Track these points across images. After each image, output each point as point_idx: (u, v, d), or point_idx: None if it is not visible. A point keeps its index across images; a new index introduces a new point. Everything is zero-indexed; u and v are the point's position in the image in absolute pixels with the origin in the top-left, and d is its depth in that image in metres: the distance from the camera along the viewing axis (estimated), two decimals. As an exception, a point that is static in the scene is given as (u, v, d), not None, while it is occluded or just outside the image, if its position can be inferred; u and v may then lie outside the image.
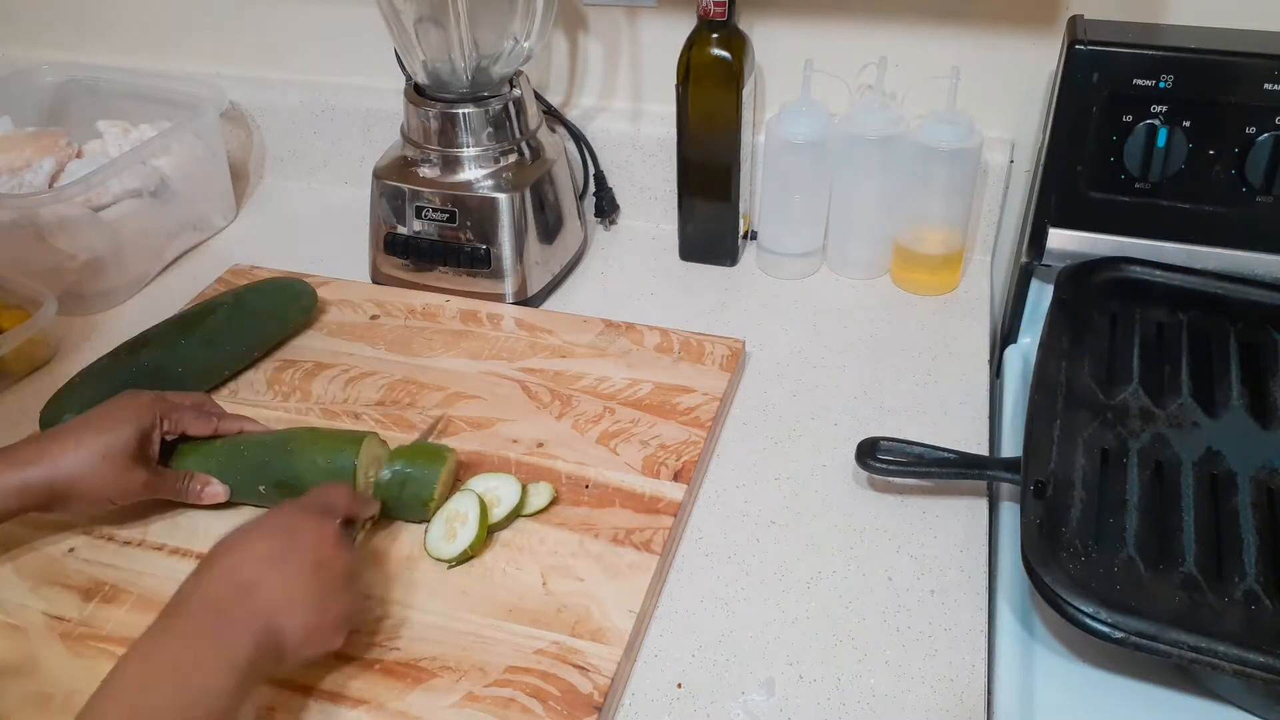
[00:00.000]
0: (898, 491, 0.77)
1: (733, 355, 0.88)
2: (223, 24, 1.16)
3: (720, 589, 0.70)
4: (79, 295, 0.98)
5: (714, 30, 0.91)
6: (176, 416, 0.73)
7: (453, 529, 0.71)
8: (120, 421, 0.70)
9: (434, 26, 0.92)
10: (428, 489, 0.72)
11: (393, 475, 0.72)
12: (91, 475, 0.68)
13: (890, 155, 0.93)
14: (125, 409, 0.71)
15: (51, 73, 1.15)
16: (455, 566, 0.70)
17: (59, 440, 0.68)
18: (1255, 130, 0.79)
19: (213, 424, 0.75)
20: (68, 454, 0.67)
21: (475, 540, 0.70)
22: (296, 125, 1.17)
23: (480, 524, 0.70)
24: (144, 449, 0.70)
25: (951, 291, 0.99)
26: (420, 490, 0.72)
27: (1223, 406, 0.74)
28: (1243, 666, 0.56)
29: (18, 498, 0.66)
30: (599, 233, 1.10)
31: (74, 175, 1.01)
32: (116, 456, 0.68)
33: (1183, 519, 0.65)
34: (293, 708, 0.62)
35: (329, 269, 1.02)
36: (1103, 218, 0.86)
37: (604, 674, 0.63)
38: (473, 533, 0.70)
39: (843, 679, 0.64)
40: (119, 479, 0.69)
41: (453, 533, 0.71)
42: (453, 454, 0.75)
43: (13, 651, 0.66)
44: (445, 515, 0.72)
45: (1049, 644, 0.65)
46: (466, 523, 0.71)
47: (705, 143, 0.96)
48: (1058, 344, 0.79)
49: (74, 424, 0.70)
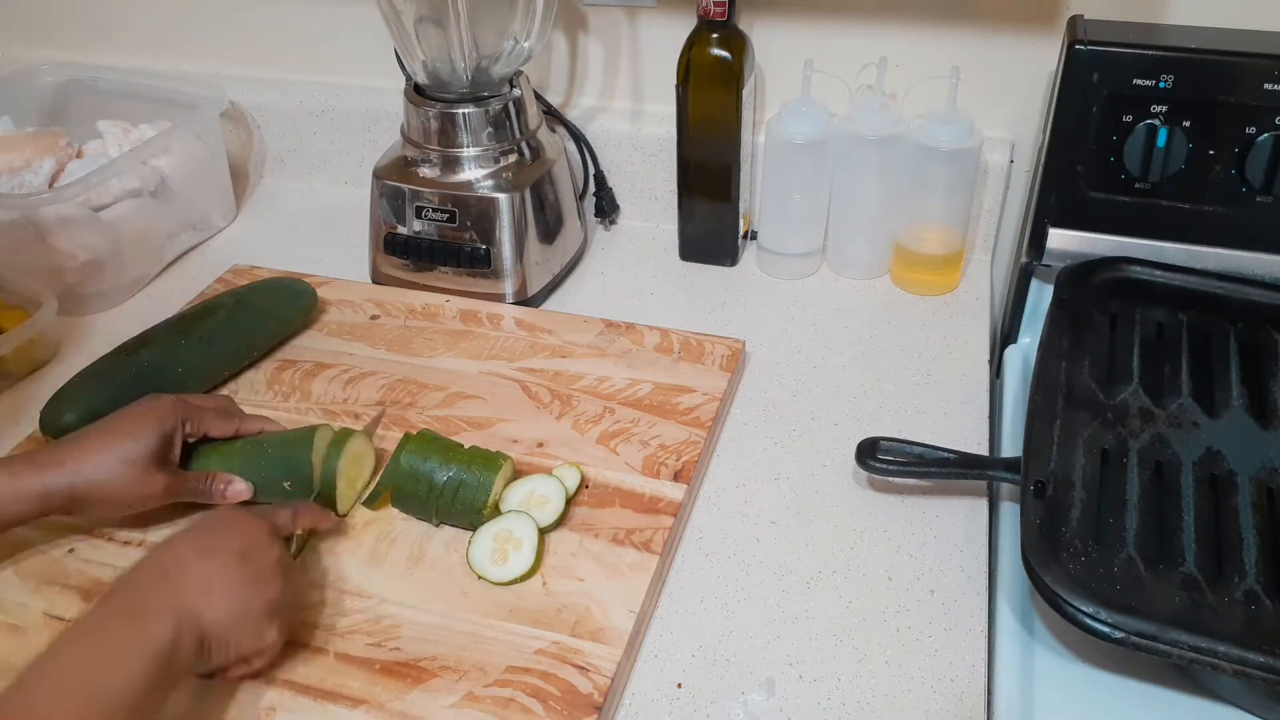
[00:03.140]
0: (898, 491, 0.77)
1: (733, 355, 0.88)
2: (223, 24, 1.16)
3: (720, 589, 0.70)
4: (79, 295, 0.98)
5: (714, 30, 0.91)
6: (198, 419, 0.73)
7: (503, 550, 0.69)
8: (142, 426, 0.69)
9: (434, 26, 0.92)
10: (482, 496, 0.71)
11: (447, 480, 0.72)
12: (113, 480, 0.68)
13: (890, 155, 0.93)
14: (147, 413, 0.71)
15: (51, 73, 1.15)
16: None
17: (81, 445, 0.68)
18: (1255, 130, 0.79)
19: (235, 425, 0.75)
20: (89, 458, 0.67)
21: (530, 570, 0.68)
22: (296, 125, 1.17)
23: (537, 554, 0.69)
24: (165, 453, 0.70)
25: (951, 291, 0.99)
26: (474, 498, 0.71)
27: (1223, 406, 0.74)
28: (1243, 666, 0.56)
29: (39, 501, 0.66)
30: (599, 233, 1.10)
31: (74, 175, 1.01)
32: (137, 461, 0.68)
33: (1183, 519, 0.65)
34: (293, 708, 0.62)
35: (329, 269, 1.02)
36: (1103, 218, 0.86)
37: (604, 674, 0.63)
38: (527, 563, 0.68)
39: (843, 679, 0.64)
40: (140, 484, 0.69)
41: (503, 554, 0.69)
42: (508, 461, 0.74)
43: (13, 651, 0.66)
44: (495, 531, 0.70)
45: (1049, 644, 0.65)
46: (521, 550, 0.69)
47: (705, 143, 0.96)
48: (1058, 344, 0.79)
49: (95, 428, 0.70)
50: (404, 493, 0.73)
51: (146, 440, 0.69)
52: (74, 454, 0.67)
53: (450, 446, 0.74)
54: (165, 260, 1.06)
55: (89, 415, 0.78)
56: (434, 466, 0.72)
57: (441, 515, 0.73)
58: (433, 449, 0.73)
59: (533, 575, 0.69)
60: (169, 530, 0.73)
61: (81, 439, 0.69)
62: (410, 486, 0.72)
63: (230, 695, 0.63)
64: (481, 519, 0.71)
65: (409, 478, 0.72)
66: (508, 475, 0.74)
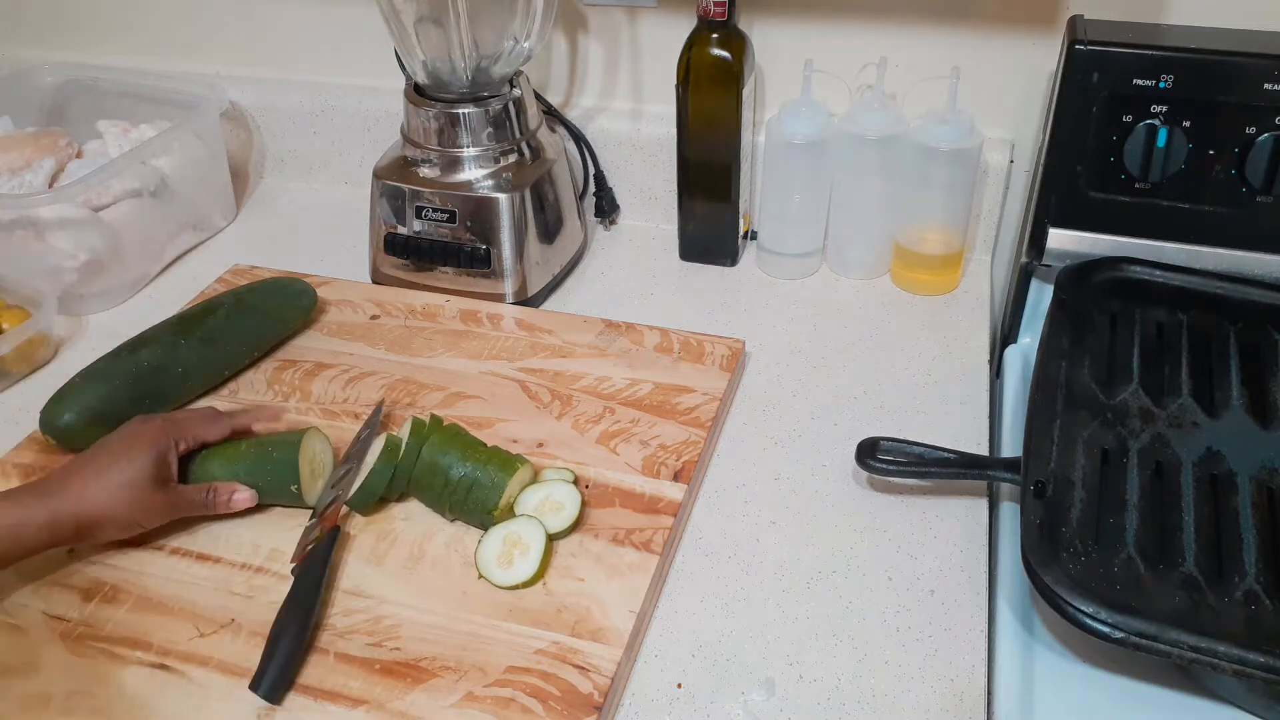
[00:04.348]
0: (898, 491, 0.77)
1: (733, 355, 0.88)
2: (223, 24, 1.16)
3: (720, 589, 0.70)
4: (79, 295, 0.98)
5: (714, 30, 0.91)
6: (189, 431, 0.74)
7: (510, 554, 0.69)
8: (136, 449, 0.70)
9: (434, 26, 0.92)
10: (494, 497, 0.71)
11: (462, 476, 0.72)
12: (116, 505, 0.69)
13: (890, 155, 0.93)
14: (138, 435, 0.71)
15: (51, 73, 1.15)
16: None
17: (79, 475, 0.69)
18: (1255, 130, 0.79)
19: (226, 426, 0.75)
20: (89, 487, 0.68)
21: (533, 577, 0.68)
22: (296, 125, 1.17)
23: (542, 561, 0.69)
24: (162, 472, 0.71)
25: (951, 291, 0.99)
26: (486, 497, 0.71)
27: (1223, 407, 0.74)
28: (1243, 666, 0.56)
29: (49, 531, 0.66)
30: (599, 233, 1.10)
31: (74, 175, 1.01)
32: (136, 484, 0.69)
33: (1183, 519, 0.65)
34: (293, 708, 0.62)
35: (329, 269, 1.02)
36: (1103, 218, 0.85)
37: (604, 674, 0.63)
38: (532, 569, 0.68)
39: (843, 679, 0.64)
40: (143, 505, 0.70)
41: (509, 558, 0.69)
42: (526, 465, 0.74)
43: (13, 651, 0.66)
44: (504, 534, 0.70)
45: (1049, 644, 0.65)
46: (528, 555, 0.69)
47: (705, 143, 0.96)
48: (1058, 344, 0.79)
49: (88, 457, 0.70)
50: (420, 484, 0.73)
51: (142, 463, 0.70)
52: (74, 483, 0.68)
53: (472, 444, 0.74)
54: (165, 260, 1.06)
55: (89, 415, 0.79)
56: (452, 461, 0.72)
57: (455, 511, 0.73)
58: (454, 444, 0.73)
59: (536, 582, 0.69)
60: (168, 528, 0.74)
61: (79, 469, 0.69)
62: (427, 478, 0.72)
63: (230, 695, 0.63)
64: (493, 519, 0.71)
65: (427, 469, 0.72)
66: (524, 479, 0.74)
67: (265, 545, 0.73)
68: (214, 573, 0.71)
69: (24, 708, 0.63)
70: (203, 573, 0.71)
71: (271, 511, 0.75)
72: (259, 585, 0.70)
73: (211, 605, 0.69)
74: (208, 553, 0.72)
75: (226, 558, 0.72)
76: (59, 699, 0.63)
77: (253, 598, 0.69)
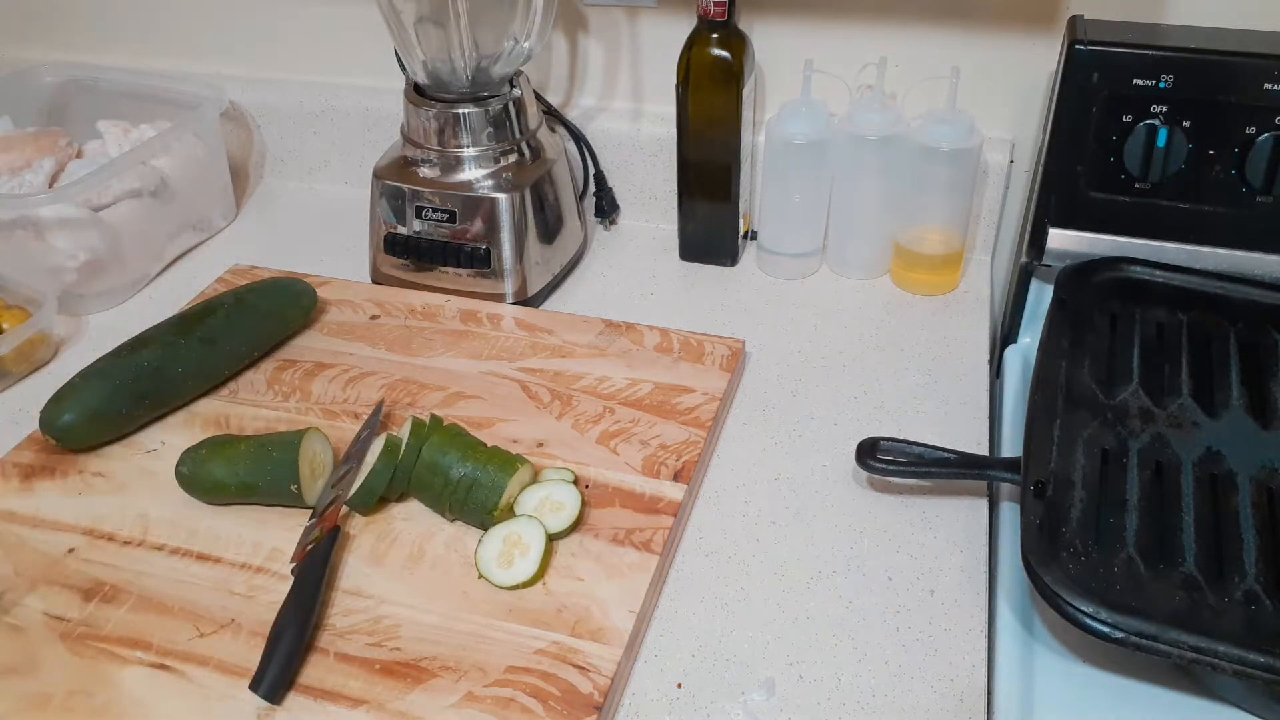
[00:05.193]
0: (898, 491, 0.77)
1: (733, 355, 0.88)
2: (223, 24, 1.16)
3: (720, 589, 0.70)
4: (79, 295, 0.98)
5: (714, 30, 0.91)
6: None
7: (509, 554, 0.69)
8: None
9: (434, 26, 0.92)
10: (494, 497, 0.71)
11: (461, 476, 0.71)
12: None
13: (890, 155, 0.93)
14: None
15: (51, 73, 1.15)
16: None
17: None
18: (1255, 130, 0.79)
19: None
20: None
21: (533, 578, 0.68)
22: (296, 125, 1.17)
23: (542, 562, 0.69)
24: None
25: (951, 291, 0.99)
26: (486, 498, 0.71)
27: (1223, 407, 0.74)
28: (1243, 666, 0.56)
29: None
30: (599, 233, 1.10)
31: (74, 175, 1.01)
32: None
33: (1183, 519, 0.65)
34: (293, 708, 0.62)
35: (329, 269, 1.02)
36: (1103, 218, 0.86)
37: (604, 674, 0.63)
38: (531, 569, 0.68)
39: (843, 679, 0.64)
40: None
41: (509, 558, 0.69)
42: (526, 465, 0.74)
43: (13, 651, 0.66)
44: (504, 534, 0.70)
45: (1049, 644, 0.65)
46: (528, 555, 0.69)
47: (705, 143, 0.96)
48: (1058, 344, 0.79)
49: None
50: (420, 484, 0.73)
51: None
52: None
53: (472, 444, 0.74)
54: (165, 260, 1.07)
55: (89, 415, 0.79)
56: (452, 461, 0.72)
57: (455, 511, 0.73)
58: (454, 444, 0.73)
59: (536, 582, 0.69)
60: (168, 528, 0.74)
61: None
62: (427, 478, 0.72)
63: (230, 695, 0.63)
64: (493, 520, 0.71)
65: (427, 469, 0.72)
66: (525, 479, 0.74)
67: (265, 545, 0.73)
68: (214, 573, 0.71)
69: (24, 708, 0.63)
70: (203, 573, 0.71)
71: (271, 511, 0.75)
72: (259, 585, 0.70)
73: (211, 605, 0.69)
74: (208, 553, 0.72)
75: (226, 558, 0.72)
76: (59, 699, 0.63)
77: (253, 598, 0.69)
